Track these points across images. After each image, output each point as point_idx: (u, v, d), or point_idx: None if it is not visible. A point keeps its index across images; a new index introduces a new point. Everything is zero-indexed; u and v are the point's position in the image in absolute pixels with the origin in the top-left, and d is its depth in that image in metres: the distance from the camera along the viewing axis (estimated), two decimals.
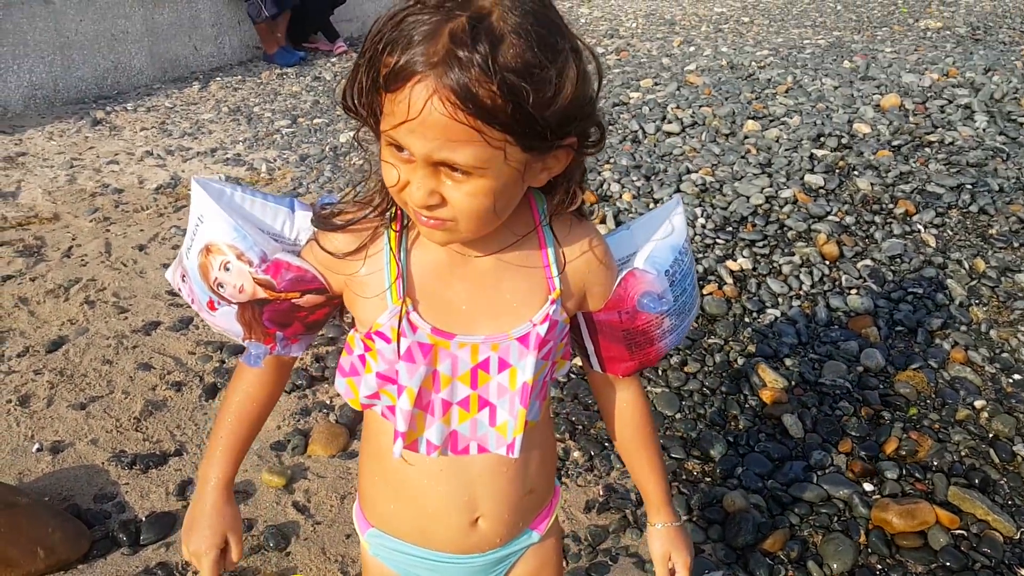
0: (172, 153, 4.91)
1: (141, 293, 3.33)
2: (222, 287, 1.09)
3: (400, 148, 0.91)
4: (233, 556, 1.20)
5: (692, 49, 7.23)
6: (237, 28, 7.00)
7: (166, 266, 3.55)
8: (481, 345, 1.04)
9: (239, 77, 6.61)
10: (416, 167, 0.91)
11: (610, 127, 5.04)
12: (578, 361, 1.32)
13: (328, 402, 2.70)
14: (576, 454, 2.49)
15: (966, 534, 2.23)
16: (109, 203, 4.17)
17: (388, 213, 1.06)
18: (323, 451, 2.48)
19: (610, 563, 2.13)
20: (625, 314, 1.15)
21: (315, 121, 5.48)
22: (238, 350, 2.94)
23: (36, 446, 2.44)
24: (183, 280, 1.15)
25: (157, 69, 6.38)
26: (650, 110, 5.31)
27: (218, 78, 6.54)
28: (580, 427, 2.59)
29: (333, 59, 7.24)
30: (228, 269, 1.07)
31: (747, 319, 3.15)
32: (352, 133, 5.06)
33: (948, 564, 2.14)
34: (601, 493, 2.35)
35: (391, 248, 1.04)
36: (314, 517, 2.25)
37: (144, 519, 2.22)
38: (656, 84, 5.95)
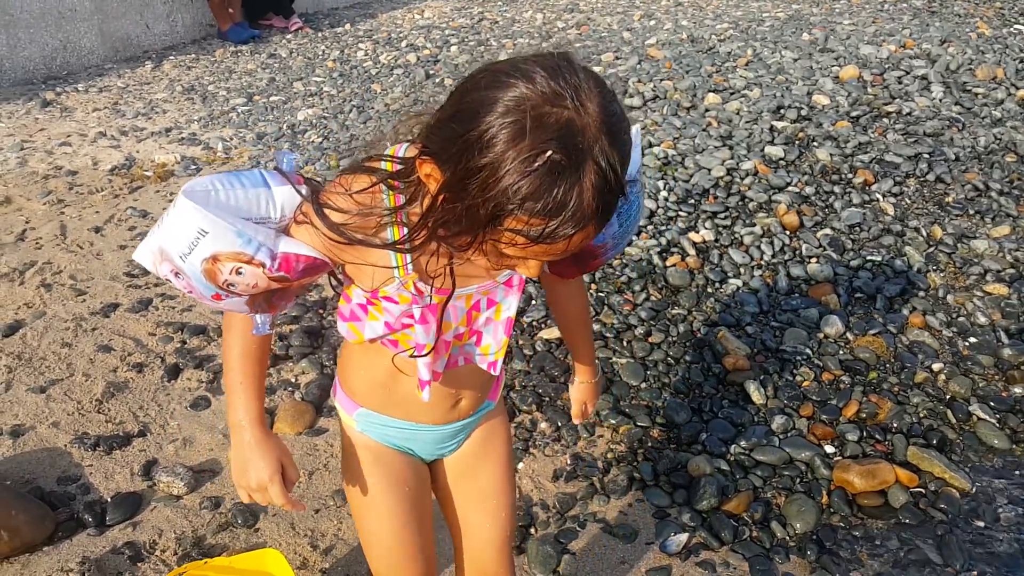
0: (126, 134, 4.80)
1: (99, 275, 3.26)
2: (233, 286, 1.12)
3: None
4: (291, 476, 1.27)
5: (652, 23, 7.23)
6: (190, 5, 6.85)
7: (123, 247, 3.49)
8: (474, 294, 1.21)
9: (193, 55, 6.47)
10: (529, 261, 1.04)
11: None
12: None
13: (293, 380, 2.68)
14: (543, 425, 2.50)
15: (924, 492, 2.29)
16: (63, 185, 4.07)
17: (386, 196, 1.10)
18: (289, 429, 2.46)
19: (578, 529, 2.15)
20: None
21: (271, 99, 5.40)
22: (199, 330, 2.90)
23: None
24: (176, 276, 1.14)
25: (108, 48, 6.22)
26: (611, 84, 5.30)
27: (171, 57, 6.41)
28: (547, 399, 2.60)
29: (288, 36, 7.12)
30: (241, 273, 1.11)
31: (710, 289, 3.18)
32: (310, 111, 5.00)
33: (907, 521, 2.19)
34: (568, 462, 2.37)
35: (395, 234, 1.10)
36: None
37: (110, 500, 2.19)
38: (617, 58, 5.95)
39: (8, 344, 2.80)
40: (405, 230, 1.08)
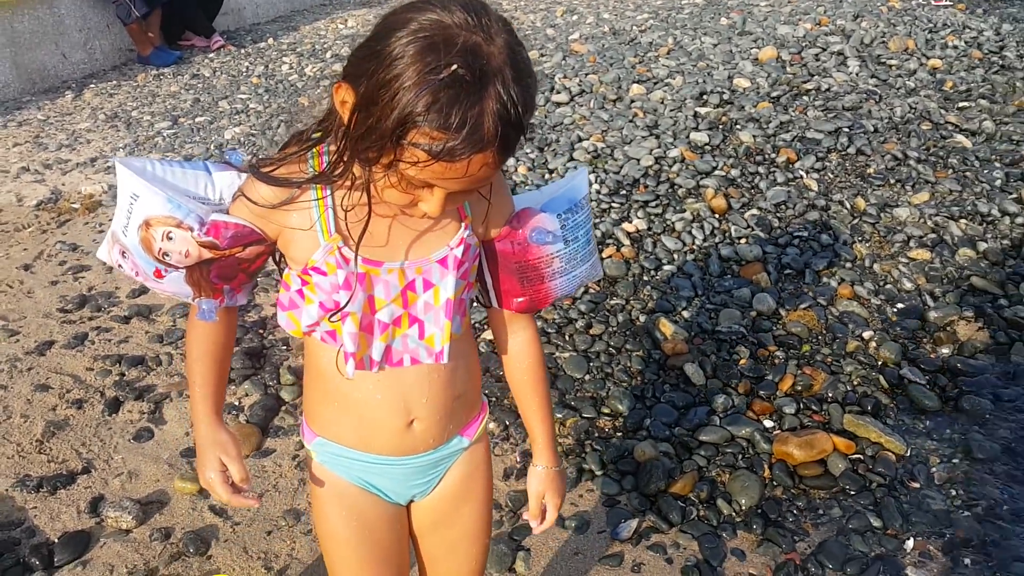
0: (50, 167, 4.70)
1: (31, 313, 3.20)
2: (167, 256, 1.17)
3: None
4: (234, 476, 1.28)
5: (575, 18, 7.30)
6: (107, 32, 6.70)
7: (55, 283, 3.42)
8: (407, 268, 1.19)
9: (114, 82, 6.35)
10: (434, 190, 1.04)
11: None
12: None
13: (237, 403, 2.66)
14: (492, 425, 2.53)
15: (862, 457, 2.37)
16: None
17: (312, 162, 1.15)
18: None
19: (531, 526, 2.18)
20: (518, 245, 1.28)
21: (197, 120, 5.32)
22: (137, 361, 2.86)
23: None
24: (123, 257, 1.21)
25: (24, 81, 6.06)
26: (538, 81, 5.35)
27: (92, 85, 6.27)
28: (494, 399, 2.63)
29: (211, 55, 7.02)
30: (171, 238, 1.16)
31: (645, 277, 3.24)
32: (237, 128, 4.95)
33: (847, 488, 2.27)
34: (518, 460, 2.40)
35: (318, 195, 1.14)
36: (232, 519, 2.23)
37: (57, 540, 2.16)
38: (542, 55, 6.00)
39: None
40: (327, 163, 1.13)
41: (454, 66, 0.93)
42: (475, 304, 1.37)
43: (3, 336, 3.04)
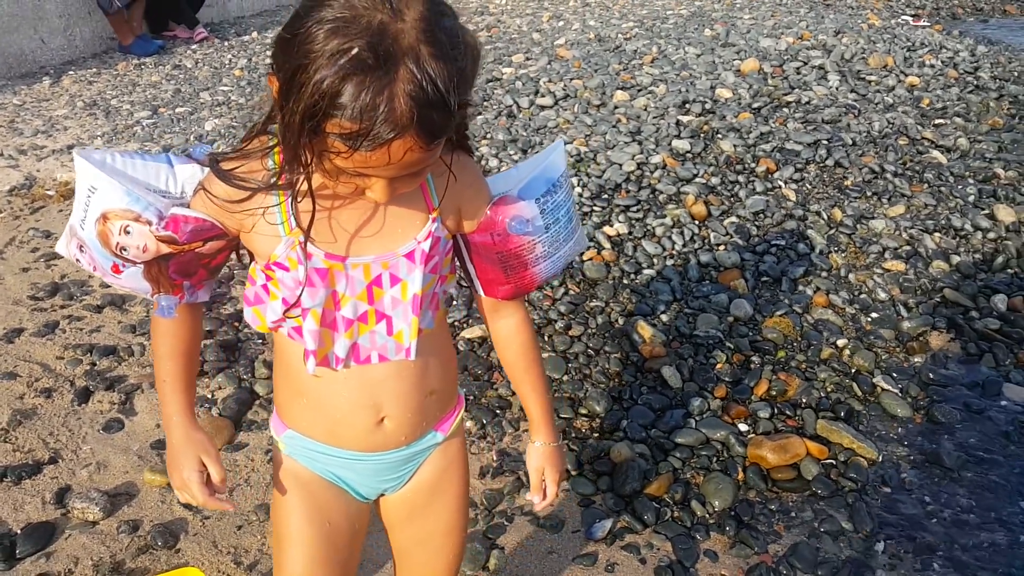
0: (24, 153, 4.63)
1: (1, 300, 3.14)
2: (125, 250, 1.14)
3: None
4: (214, 476, 1.24)
5: (561, 24, 7.33)
6: (88, 18, 6.63)
7: (26, 270, 3.36)
8: (372, 264, 1.14)
9: (94, 70, 6.27)
10: (372, 179, 1.00)
11: (484, 103, 5.06)
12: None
13: (210, 396, 2.63)
14: (469, 423, 2.52)
15: (835, 462, 2.39)
16: None
17: (273, 158, 1.11)
18: None
19: (506, 524, 2.17)
20: (497, 236, 1.25)
21: (177, 111, 5.27)
22: (109, 351, 2.82)
23: None
24: (81, 251, 1.19)
25: (1, 65, 5.98)
26: (523, 85, 5.36)
27: (71, 72, 6.19)
28: (471, 397, 2.62)
29: (194, 46, 6.96)
30: (129, 232, 1.13)
31: (625, 281, 3.25)
32: (218, 120, 4.91)
33: (820, 492, 2.28)
34: (495, 458, 2.39)
35: (276, 163, 1.11)
36: (202, 512, 2.20)
37: (20, 531, 2.11)
38: (528, 59, 6.01)
39: None
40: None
41: (355, 49, 0.88)
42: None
43: None
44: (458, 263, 1.33)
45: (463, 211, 1.23)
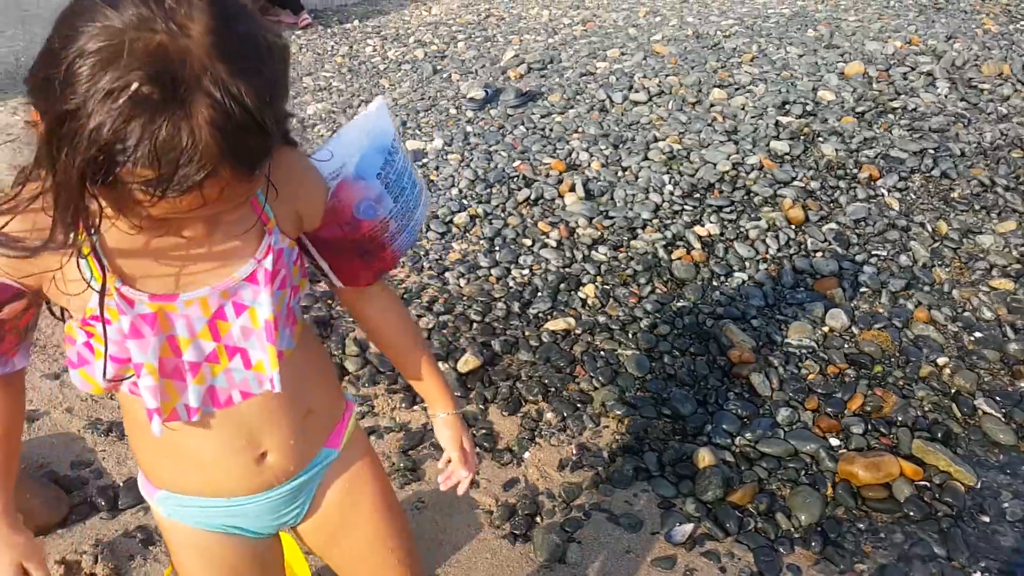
0: None
1: None
2: None
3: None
4: None
5: (658, 19, 7.22)
6: None
7: None
8: (209, 297, 0.99)
9: None
10: (186, 220, 0.89)
11: (578, 96, 5.04)
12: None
13: None
14: (549, 415, 2.51)
15: (929, 485, 2.29)
16: None
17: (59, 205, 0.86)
18: None
19: (584, 518, 2.16)
20: (347, 226, 1.13)
21: None
22: None
23: None
24: None
25: None
26: (617, 79, 5.31)
27: None
28: (553, 389, 2.61)
29: (298, 32, 7.13)
30: None
31: (715, 282, 3.19)
32: (320, 105, 5.02)
33: (912, 514, 2.20)
34: (574, 452, 2.38)
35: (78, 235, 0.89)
36: None
37: (122, 484, 2.21)
38: (623, 54, 5.95)
39: None
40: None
41: (133, 85, 0.71)
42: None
43: None
44: (308, 263, 1.19)
45: (302, 212, 1.08)
